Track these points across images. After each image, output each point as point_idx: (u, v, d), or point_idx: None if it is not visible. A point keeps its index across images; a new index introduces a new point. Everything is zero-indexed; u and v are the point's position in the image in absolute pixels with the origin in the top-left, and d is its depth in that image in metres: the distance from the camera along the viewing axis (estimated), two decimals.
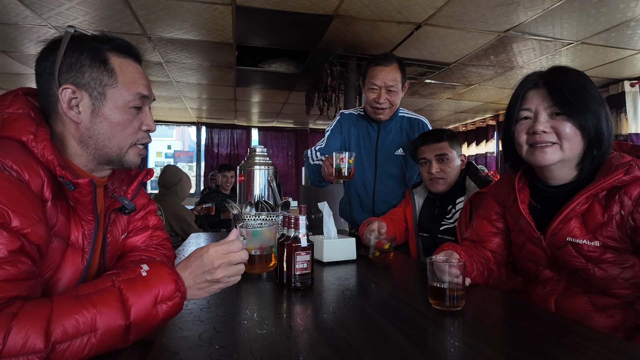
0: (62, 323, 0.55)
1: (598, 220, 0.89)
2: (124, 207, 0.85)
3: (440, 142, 1.56)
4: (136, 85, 0.80)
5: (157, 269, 0.66)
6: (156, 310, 0.63)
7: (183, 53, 3.56)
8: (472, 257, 1.11)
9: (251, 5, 2.63)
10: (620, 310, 0.91)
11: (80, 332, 0.56)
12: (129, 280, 0.63)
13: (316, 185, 1.81)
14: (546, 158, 0.93)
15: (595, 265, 0.90)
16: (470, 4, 2.58)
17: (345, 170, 1.42)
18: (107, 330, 0.58)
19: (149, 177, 0.95)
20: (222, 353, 0.59)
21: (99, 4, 2.61)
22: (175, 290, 0.65)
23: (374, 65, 1.71)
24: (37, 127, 0.72)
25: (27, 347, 0.52)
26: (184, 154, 9.08)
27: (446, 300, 0.81)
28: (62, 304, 0.57)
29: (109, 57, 0.78)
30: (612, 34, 3.06)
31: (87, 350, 0.56)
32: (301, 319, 0.75)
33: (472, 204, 1.49)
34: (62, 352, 0.54)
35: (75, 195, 0.73)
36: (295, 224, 0.95)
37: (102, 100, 0.77)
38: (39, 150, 0.69)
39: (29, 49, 3.41)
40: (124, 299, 0.61)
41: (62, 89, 0.74)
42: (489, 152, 6.45)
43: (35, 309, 0.55)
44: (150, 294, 0.63)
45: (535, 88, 0.97)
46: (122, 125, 0.79)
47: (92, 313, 0.57)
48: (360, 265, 1.25)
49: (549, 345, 0.64)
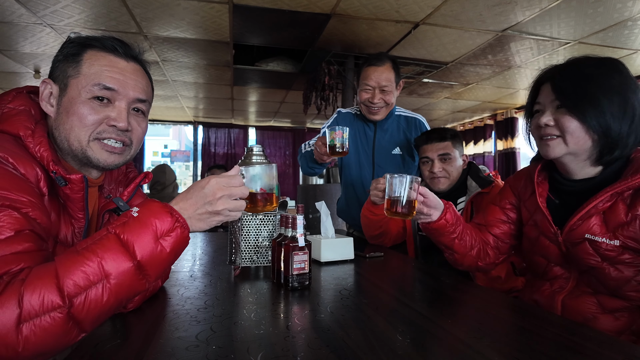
0: (70, 277, 0.55)
1: (620, 219, 0.87)
2: (119, 209, 0.85)
3: (443, 141, 1.55)
4: (99, 77, 0.77)
5: (147, 207, 0.66)
6: (161, 245, 0.63)
7: (180, 52, 3.54)
8: (471, 232, 1.15)
9: (248, 3, 2.62)
10: (627, 313, 0.90)
11: (91, 281, 0.56)
12: (123, 224, 0.63)
13: (309, 173, 1.81)
14: (550, 151, 0.94)
15: (611, 265, 0.89)
16: (468, 3, 2.58)
17: (339, 145, 1.39)
18: (119, 274, 0.58)
19: (146, 181, 0.94)
20: (219, 353, 0.59)
21: (95, 2, 2.59)
22: (173, 222, 0.65)
23: (367, 66, 1.71)
24: (35, 124, 0.73)
25: (45, 305, 0.52)
26: (180, 153, 9.06)
27: (398, 208, 1.02)
28: (65, 262, 0.57)
29: (84, 52, 0.78)
30: (609, 34, 3.07)
31: (106, 297, 0.57)
32: (298, 319, 0.75)
33: (473, 204, 1.48)
34: (82, 305, 0.55)
35: (67, 191, 0.73)
36: (293, 224, 0.95)
37: (65, 91, 0.77)
38: (34, 146, 0.69)
39: (24, 47, 3.38)
40: (123, 242, 0.60)
41: (41, 82, 0.77)
42: (487, 151, 6.46)
43: (41, 272, 0.55)
44: (149, 231, 0.62)
45: (546, 82, 0.97)
46: (79, 116, 0.76)
47: (97, 262, 0.57)
48: (358, 265, 1.25)
49: (551, 347, 0.64)
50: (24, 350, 0.51)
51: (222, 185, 0.72)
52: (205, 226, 0.72)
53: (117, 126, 0.80)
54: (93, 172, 0.85)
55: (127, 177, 0.97)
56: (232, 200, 0.73)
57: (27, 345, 0.51)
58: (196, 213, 0.70)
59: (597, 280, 0.92)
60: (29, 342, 0.51)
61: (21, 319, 0.51)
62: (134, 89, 0.82)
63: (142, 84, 0.84)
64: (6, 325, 0.50)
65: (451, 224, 1.11)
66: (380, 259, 1.37)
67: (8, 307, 0.51)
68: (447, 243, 1.14)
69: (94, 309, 0.56)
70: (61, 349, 0.56)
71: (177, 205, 0.70)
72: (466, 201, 1.52)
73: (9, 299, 0.51)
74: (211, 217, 0.71)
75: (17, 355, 0.50)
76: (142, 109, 0.86)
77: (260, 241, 1.11)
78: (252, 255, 1.10)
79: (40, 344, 0.52)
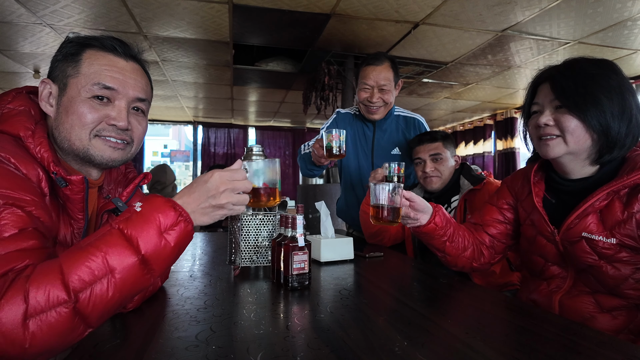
0: (75, 273, 0.55)
1: (617, 218, 0.88)
2: (117, 209, 0.84)
3: (434, 142, 1.61)
4: (98, 76, 0.77)
5: (150, 202, 0.65)
6: (165, 240, 0.63)
7: (179, 52, 3.54)
8: (463, 234, 1.15)
9: (248, 3, 2.62)
10: (625, 312, 0.90)
11: (96, 276, 0.56)
12: (126, 219, 0.62)
13: (308, 175, 1.81)
14: (549, 151, 0.94)
15: (608, 263, 0.89)
16: (468, 3, 2.58)
17: (336, 148, 1.38)
18: (123, 268, 0.58)
19: (145, 181, 0.94)
20: (218, 353, 0.59)
21: (94, 2, 2.59)
22: (177, 216, 0.65)
23: (366, 65, 1.72)
24: (35, 124, 0.73)
25: (51, 300, 0.52)
26: (180, 153, 9.06)
27: (383, 215, 1.04)
28: (69, 258, 0.57)
29: (83, 51, 0.78)
30: (609, 34, 3.07)
31: (111, 292, 0.57)
32: (298, 319, 0.75)
33: (466, 201, 1.51)
34: (87, 300, 0.55)
35: (67, 192, 0.73)
36: (293, 224, 0.95)
37: (64, 90, 0.77)
38: (35, 147, 0.69)
39: (24, 47, 3.38)
40: (127, 237, 0.60)
41: (40, 82, 0.77)
42: (487, 151, 6.46)
43: (45, 268, 0.55)
44: (152, 225, 0.62)
45: (544, 82, 0.97)
46: (79, 115, 0.76)
47: (101, 257, 0.57)
48: (358, 265, 1.25)
49: (550, 346, 0.64)
50: (30, 346, 0.50)
51: (226, 179, 0.71)
52: (209, 220, 0.72)
53: (117, 125, 0.79)
54: (93, 173, 0.85)
55: (127, 178, 0.97)
56: (236, 194, 0.73)
57: (33, 342, 0.50)
58: (200, 207, 0.70)
59: (594, 278, 0.92)
60: (36, 338, 0.51)
61: (27, 315, 0.51)
62: (134, 88, 0.82)
63: (141, 83, 0.84)
64: (13, 321, 0.50)
65: (441, 227, 1.12)
66: (380, 258, 1.37)
67: (14, 303, 0.50)
68: (439, 246, 1.15)
69: (100, 303, 0.56)
70: (67, 346, 0.56)
71: (181, 200, 0.70)
72: (459, 199, 1.55)
73: (14, 296, 0.51)
74: (215, 210, 0.71)
75: (24, 351, 0.50)
76: (141, 108, 0.86)
77: (260, 241, 1.11)
78: (252, 255, 1.10)
79: (47, 339, 0.52)
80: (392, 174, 1.48)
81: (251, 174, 0.85)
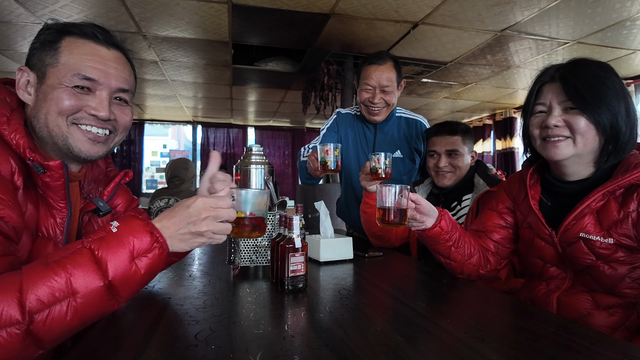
0: (34, 292, 0.52)
1: (613, 218, 0.88)
2: (99, 209, 0.82)
3: (453, 135, 1.50)
4: (79, 66, 0.74)
5: (127, 223, 0.63)
6: (135, 266, 0.60)
7: (179, 51, 3.54)
8: (469, 240, 1.13)
9: (247, 3, 2.62)
10: (621, 310, 0.91)
11: (56, 298, 0.53)
12: (100, 239, 0.60)
13: (306, 183, 1.78)
14: (558, 152, 0.93)
15: (605, 263, 0.89)
16: (467, 3, 2.58)
17: (332, 163, 1.35)
18: (87, 292, 0.55)
19: (126, 179, 0.91)
20: (218, 353, 0.59)
21: (94, 2, 2.59)
22: (152, 242, 0.62)
23: (368, 64, 1.65)
24: (11, 112, 0.70)
25: (3, 319, 0.50)
26: (179, 153, 9.05)
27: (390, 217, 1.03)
28: (32, 274, 0.54)
29: (62, 39, 0.75)
30: (608, 34, 3.08)
31: (70, 316, 0.54)
32: (298, 319, 0.75)
33: (479, 203, 1.46)
34: (43, 322, 0.52)
35: (46, 180, 0.70)
36: (289, 225, 0.93)
37: (43, 79, 0.75)
38: (10, 133, 0.66)
39: (23, 47, 3.38)
40: (97, 259, 0.58)
41: (18, 70, 0.75)
42: (486, 151, 6.47)
43: (3, 283, 0.52)
44: (125, 250, 0.60)
45: (551, 82, 0.96)
46: (57, 100, 0.73)
47: (65, 278, 0.54)
48: (357, 265, 1.25)
49: (549, 346, 0.64)
50: None
51: (209, 205, 0.69)
52: (186, 247, 0.69)
53: (98, 115, 0.76)
54: (73, 166, 0.81)
55: (108, 177, 0.93)
56: (218, 222, 0.70)
57: None
58: (178, 232, 0.67)
59: (592, 278, 0.93)
60: None
61: None
62: (116, 78, 0.79)
63: (124, 73, 0.81)
64: None
65: (446, 232, 1.09)
66: (380, 258, 1.37)
67: None
68: (444, 251, 1.12)
69: (56, 327, 0.53)
70: None
71: (160, 223, 0.67)
72: (473, 199, 1.48)
73: None
74: (193, 237, 0.68)
75: None
76: (124, 98, 0.83)
77: (259, 241, 1.11)
78: (251, 255, 1.10)
79: None
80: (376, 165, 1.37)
81: (239, 202, 0.81)
